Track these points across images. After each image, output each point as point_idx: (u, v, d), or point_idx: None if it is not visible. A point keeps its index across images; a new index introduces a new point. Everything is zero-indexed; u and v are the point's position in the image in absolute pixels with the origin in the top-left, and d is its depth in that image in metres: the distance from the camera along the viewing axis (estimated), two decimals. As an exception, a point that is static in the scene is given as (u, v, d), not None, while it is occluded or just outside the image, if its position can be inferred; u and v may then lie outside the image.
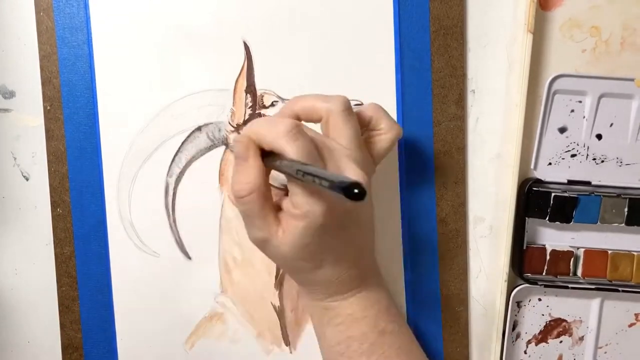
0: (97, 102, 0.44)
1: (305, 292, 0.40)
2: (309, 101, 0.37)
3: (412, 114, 0.44)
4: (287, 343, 0.46)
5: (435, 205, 0.45)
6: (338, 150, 0.35)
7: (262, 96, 0.44)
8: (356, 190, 0.26)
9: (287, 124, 0.33)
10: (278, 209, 0.36)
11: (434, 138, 0.45)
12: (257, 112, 0.44)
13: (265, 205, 0.35)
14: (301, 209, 0.33)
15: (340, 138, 0.36)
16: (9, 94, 0.45)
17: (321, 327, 0.40)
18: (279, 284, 0.46)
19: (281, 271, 0.45)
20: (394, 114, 0.44)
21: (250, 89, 0.44)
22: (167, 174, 0.45)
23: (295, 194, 0.34)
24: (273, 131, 0.34)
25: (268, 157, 0.35)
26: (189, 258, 0.45)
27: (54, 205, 0.45)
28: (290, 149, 0.32)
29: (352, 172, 0.34)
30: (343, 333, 0.38)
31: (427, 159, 0.45)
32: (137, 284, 0.45)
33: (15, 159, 0.45)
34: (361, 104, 0.44)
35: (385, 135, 0.39)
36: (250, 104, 0.44)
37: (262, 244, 0.36)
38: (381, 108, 0.39)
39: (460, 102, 0.45)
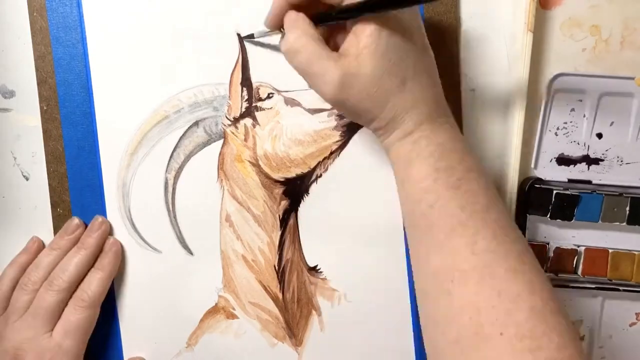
0: (93, 101, 0.44)
1: (394, 133, 0.37)
2: None
3: None
4: (292, 335, 0.46)
5: None
6: None
7: (258, 88, 0.44)
8: None
9: None
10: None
11: None
12: (253, 104, 0.44)
13: (322, 45, 0.35)
14: (370, 23, 0.34)
15: None
16: (9, 94, 0.45)
17: (407, 166, 0.37)
18: (281, 276, 0.46)
19: (283, 263, 0.46)
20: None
21: (246, 81, 0.44)
22: (166, 171, 0.45)
23: (356, 21, 0.35)
24: None
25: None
26: (191, 253, 0.45)
27: (54, 205, 0.45)
28: None
29: None
30: (431, 165, 0.36)
31: None
32: (140, 281, 0.45)
33: (15, 158, 0.45)
34: None
35: None
36: (246, 97, 0.44)
37: (342, 84, 0.35)
38: None
39: (456, 87, 0.44)
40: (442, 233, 0.35)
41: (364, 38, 0.34)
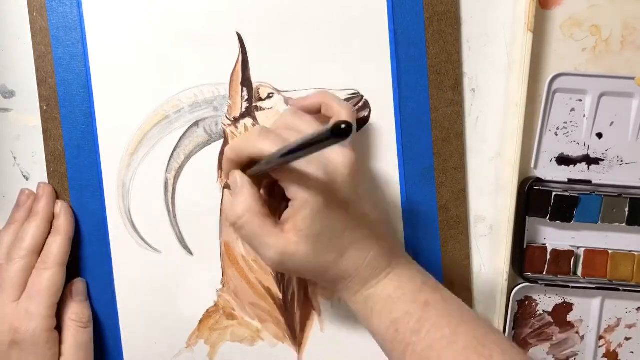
0: (93, 101, 0.44)
1: (344, 293, 0.39)
2: (332, 101, 0.40)
3: (409, 101, 0.44)
4: (292, 335, 0.46)
5: (435, 192, 0.45)
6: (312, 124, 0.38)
7: (258, 88, 0.44)
8: (343, 126, 0.26)
9: (255, 130, 0.36)
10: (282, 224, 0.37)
11: (432, 124, 0.45)
12: (253, 104, 0.44)
13: (265, 222, 0.36)
14: (300, 197, 0.35)
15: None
16: (9, 94, 0.45)
17: (367, 320, 0.39)
18: (281, 276, 0.46)
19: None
20: (390, 102, 0.44)
21: (246, 81, 0.44)
22: (166, 170, 0.45)
23: (289, 189, 0.35)
24: (247, 141, 0.36)
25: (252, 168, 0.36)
26: (191, 254, 0.45)
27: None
28: (266, 145, 0.35)
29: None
30: (387, 318, 0.37)
31: (426, 146, 0.45)
32: (140, 281, 0.45)
33: (15, 158, 0.45)
34: (357, 93, 0.44)
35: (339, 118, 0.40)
36: (246, 97, 0.44)
37: (281, 261, 0.36)
38: (327, 94, 0.41)
39: (456, 87, 0.45)
40: None
41: (299, 221, 0.35)
